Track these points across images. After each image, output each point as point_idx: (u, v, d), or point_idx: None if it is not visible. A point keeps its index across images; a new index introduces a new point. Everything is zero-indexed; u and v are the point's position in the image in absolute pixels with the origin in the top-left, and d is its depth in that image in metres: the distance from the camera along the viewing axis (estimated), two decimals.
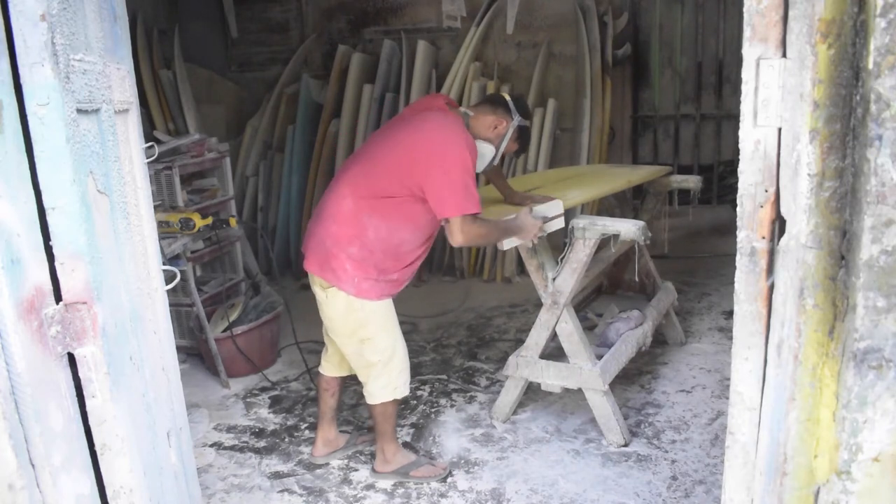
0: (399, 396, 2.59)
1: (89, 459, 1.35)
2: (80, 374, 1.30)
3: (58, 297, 1.27)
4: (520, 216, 2.53)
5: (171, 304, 1.80)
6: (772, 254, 1.24)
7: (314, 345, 3.74)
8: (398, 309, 2.58)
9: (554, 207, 2.66)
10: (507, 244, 2.57)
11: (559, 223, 2.69)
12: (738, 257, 1.27)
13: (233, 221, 3.74)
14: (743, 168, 1.23)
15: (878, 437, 1.09)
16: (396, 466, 2.69)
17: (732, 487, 1.38)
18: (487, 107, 2.57)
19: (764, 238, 1.23)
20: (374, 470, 2.73)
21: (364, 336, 2.47)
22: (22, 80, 1.16)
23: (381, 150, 2.41)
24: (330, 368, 2.76)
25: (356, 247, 2.37)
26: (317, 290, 2.48)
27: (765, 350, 1.28)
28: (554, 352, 2.96)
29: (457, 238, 2.32)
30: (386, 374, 2.53)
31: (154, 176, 3.55)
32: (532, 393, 3.19)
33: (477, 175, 2.50)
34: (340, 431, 2.91)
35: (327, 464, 2.83)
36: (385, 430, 2.65)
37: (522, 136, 2.62)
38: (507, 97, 2.59)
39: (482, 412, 3.18)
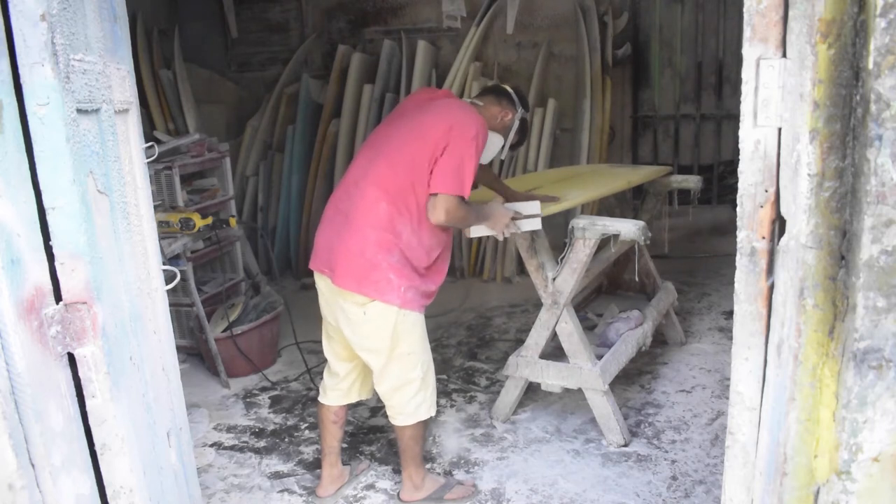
0: (433, 413, 2.47)
1: (89, 459, 1.35)
2: (80, 374, 1.30)
3: (58, 297, 1.27)
4: (491, 204, 2.50)
5: (171, 304, 1.80)
6: (772, 254, 1.24)
7: (314, 345, 3.74)
8: None
9: (530, 206, 2.61)
10: (475, 232, 2.53)
11: (535, 224, 2.61)
12: (738, 257, 1.27)
13: (233, 221, 3.74)
14: (743, 168, 1.23)
15: (878, 437, 1.09)
16: (428, 493, 2.54)
17: (732, 487, 1.38)
18: (492, 97, 2.52)
19: (764, 238, 1.23)
20: (401, 499, 2.55)
21: (407, 350, 2.34)
22: (22, 80, 1.17)
23: (399, 141, 2.29)
24: (337, 397, 2.54)
25: (396, 254, 2.24)
26: (350, 308, 2.28)
27: (765, 350, 1.28)
28: (554, 352, 2.96)
29: (439, 215, 2.22)
30: (423, 391, 2.41)
31: (154, 176, 3.55)
32: (532, 393, 3.19)
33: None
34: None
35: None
36: (414, 453, 2.49)
37: (523, 128, 2.59)
38: (510, 89, 2.56)
39: (482, 412, 3.18)
